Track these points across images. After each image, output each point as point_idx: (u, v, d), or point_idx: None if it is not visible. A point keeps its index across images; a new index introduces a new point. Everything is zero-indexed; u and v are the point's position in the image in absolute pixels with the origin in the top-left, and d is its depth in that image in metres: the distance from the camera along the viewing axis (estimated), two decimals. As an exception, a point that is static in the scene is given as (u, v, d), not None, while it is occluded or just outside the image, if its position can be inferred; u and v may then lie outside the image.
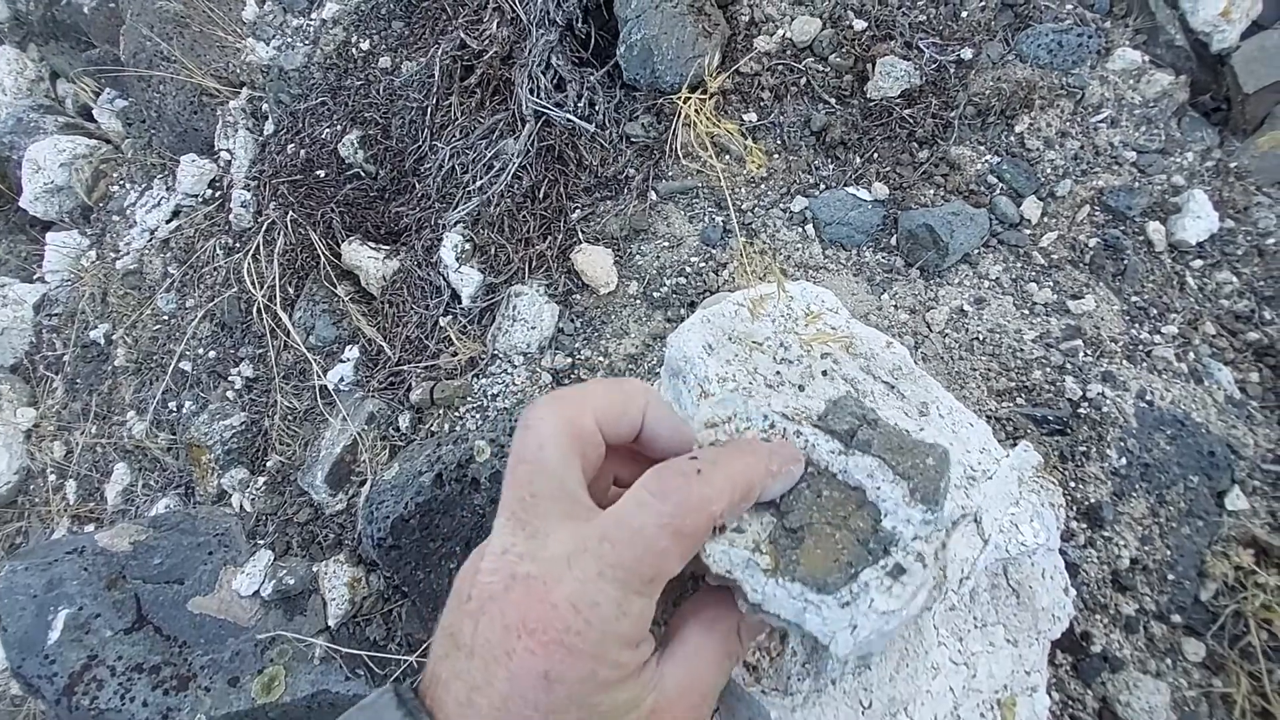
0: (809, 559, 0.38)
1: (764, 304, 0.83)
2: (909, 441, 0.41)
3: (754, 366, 0.66)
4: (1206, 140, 1.20)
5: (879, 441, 0.41)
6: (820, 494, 0.40)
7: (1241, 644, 0.95)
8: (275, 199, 1.57)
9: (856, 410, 0.43)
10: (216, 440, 1.38)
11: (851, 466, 0.40)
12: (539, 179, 1.22)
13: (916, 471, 0.40)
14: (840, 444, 0.41)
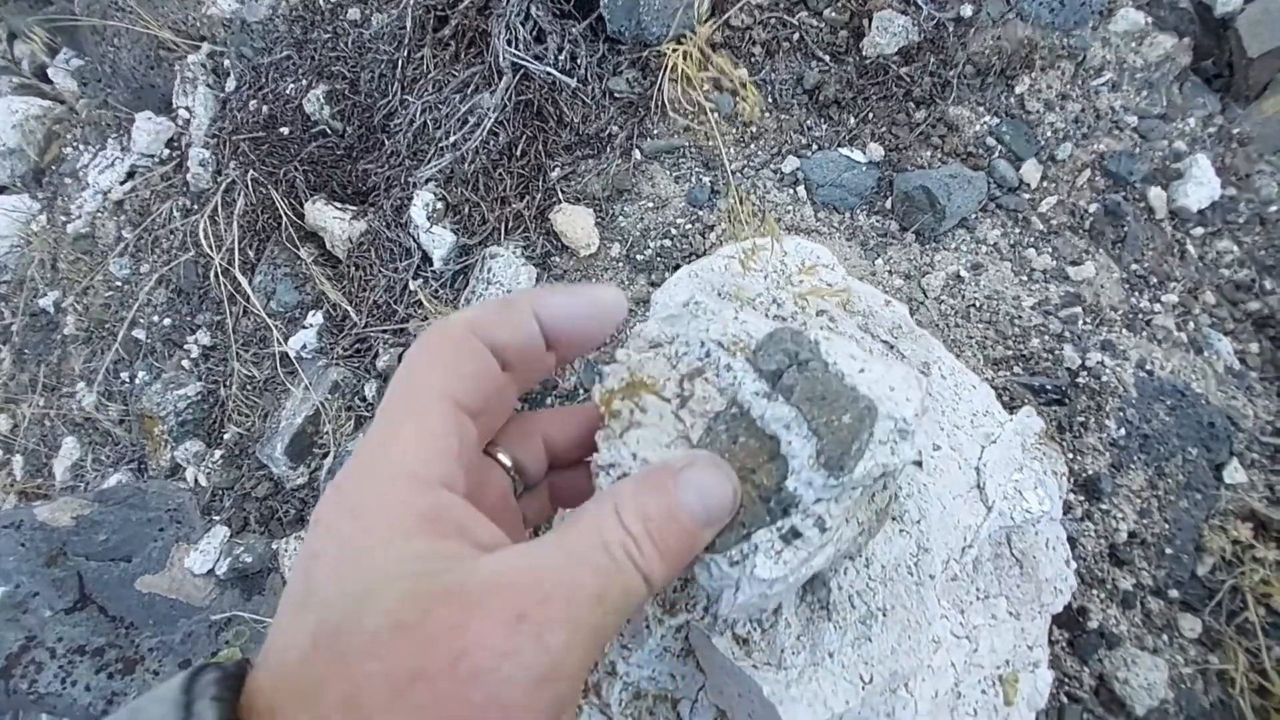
0: None
1: (756, 258, 0.77)
2: (834, 391, 0.36)
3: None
4: (1208, 106, 1.16)
5: (802, 388, 0.36)
6: (736, 439, 0.36)
7: (1239, 620, 0.92)
8: (235, 158, 1.47)
9: (790, 347, 0.37)
10: (170, 411, 1.30)
11: (770, 414, 0.36)
12: (516, 135, 1.15)
13: (829, 430, 0.35)
14: (766, 385, 0.37)
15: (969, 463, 0.68)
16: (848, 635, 0.49)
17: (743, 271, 0.76)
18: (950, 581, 0.64)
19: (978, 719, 0.64)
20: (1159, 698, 0.87)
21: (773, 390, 0.36)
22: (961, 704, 0.64)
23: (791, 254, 0.78)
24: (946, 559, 0.63)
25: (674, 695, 0.57)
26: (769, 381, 0.37)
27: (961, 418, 0.70)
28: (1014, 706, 0.67)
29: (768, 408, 0.36)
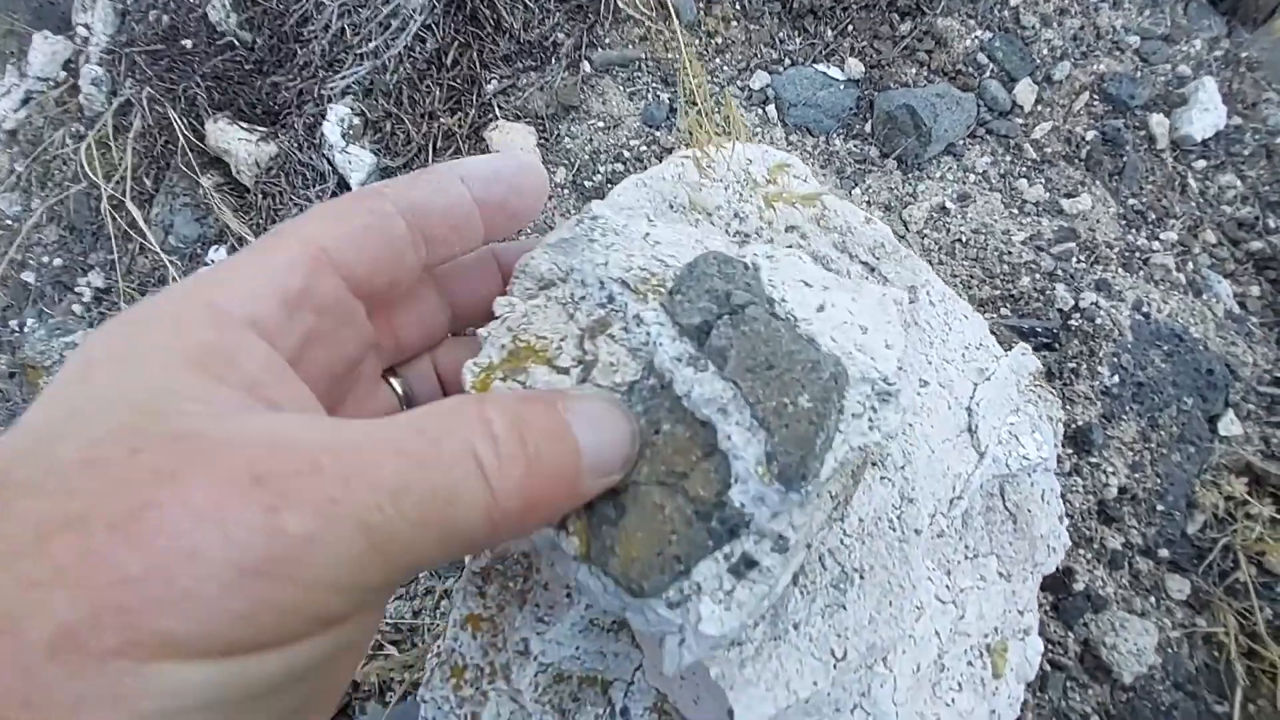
0: (627, 545, 0.25)
1: (715, 162, 0.65)
2: (784, 352, 0.25)
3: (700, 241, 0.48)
4: (1214, 29, 1.07)
5: (739, 351, 0.25)
6: (658, 427, 0.25)
7: (1229, 581, 0.86)
8: (131, 74, 1.28)
9: (718, 285, 0.26)
10: (55, 360, 1.13)
11: (697, 393, 0.25)
12: (447, 41, 0.99)
13: (781, 421, 0.24)
14: (690, 345, 0.26)
15: (959, 402, 0.58)
16: (817, 602, 0.39)
17: (699, 180, 0.64)
18: (937, 538, 0.54)
19: (963, 694, 0.55)
20: (1147, 664, 0.80)
21: (699, 353, 0.25)
22: (945, 678, 0.55)
23: (757, 161, 0.66)
24: (934, 511, 0.53)
25: (604, 677, 0.47)
26: (693, 340, 0.25)
27: (952, 350, 0.60)
28: (1002, 679, 0.58)
29: (694, 382, 0.25)
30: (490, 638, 0.49)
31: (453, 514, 0.19)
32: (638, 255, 0.29)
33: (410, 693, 0.82)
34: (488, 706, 0.47)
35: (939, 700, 0.52)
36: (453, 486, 0.19)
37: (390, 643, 0.87)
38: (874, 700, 0.44)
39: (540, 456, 0.20)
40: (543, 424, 0.21)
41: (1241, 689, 0.81)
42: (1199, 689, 0.83)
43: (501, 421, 0.20)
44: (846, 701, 0.43)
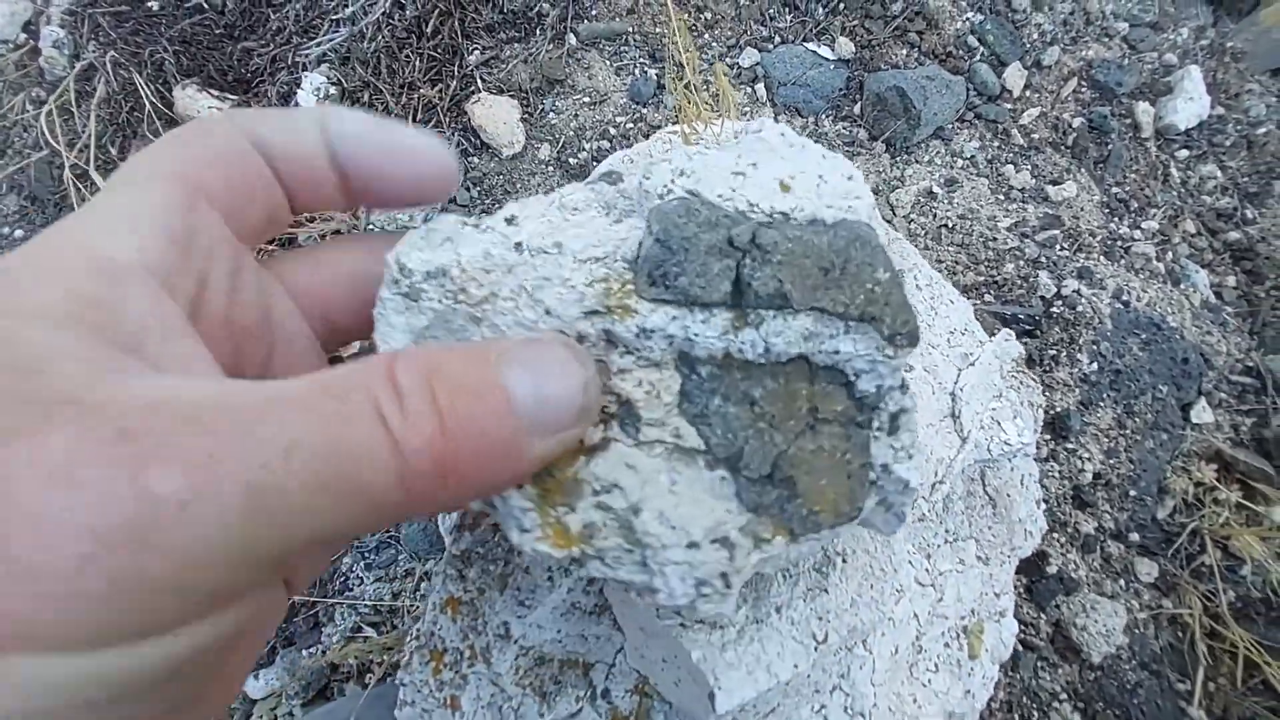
0: (821, 499, 0.25)
1: (703, 138, 0.63)
2: (826, 249, 0.24)
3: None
4: (1201, 18, 1.07)
5: (792, 279, 0.23)
6: (751, 400, 0.24)
7: (1195, 564, 0.88)
8: (95, 37, 1.23)
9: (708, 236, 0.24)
10: (16, 337, 1.09)
11: (779, 341, 0.24)
12: (427, 9, 0.96)
13: (881, 305, 0.24)
14: (726, 314, 0.24)
15: (944, 387, 0.58)
16: (799, 586, 0.39)
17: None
18: (918, 522, 0.54)
19: (939, 675, 0.56)
20: (1115, 644, 0.82)
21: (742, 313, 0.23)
22: (923, 659, 0.56)
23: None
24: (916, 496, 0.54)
25: (585, 660, 0.46)
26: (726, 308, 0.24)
27: (938, 335, 0.60)
28: (978, 660, 0.59)
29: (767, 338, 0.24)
30: (470, 621, 0.48)
31: (357, 475, 0.16)
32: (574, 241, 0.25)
33: (390, 674, 0.81)
34: (467, 690, 0.47)
35: (916, 681, 0.53)
36: (355, 444, 0.16)
37: (369, 625, 0.86)
38: (853, 681, 0.44)
39: (455, 412, 0.18)
40: (461, 376, 0.18)
41: (1203, 668, 0.84)
42: (1163, 668, 0.85)
43: (411, 374, 0.18)
44: (826, 683, 0.44)
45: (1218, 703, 0.85)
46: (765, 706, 0.41)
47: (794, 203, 0.25)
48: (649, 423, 0.24)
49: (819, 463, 0.25)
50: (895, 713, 0.51)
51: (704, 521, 0.23)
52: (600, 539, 0.23)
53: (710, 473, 0.24)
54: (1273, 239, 0.98)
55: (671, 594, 0.23)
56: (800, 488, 0.25)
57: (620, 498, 0.23)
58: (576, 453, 0.23)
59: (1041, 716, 0.80)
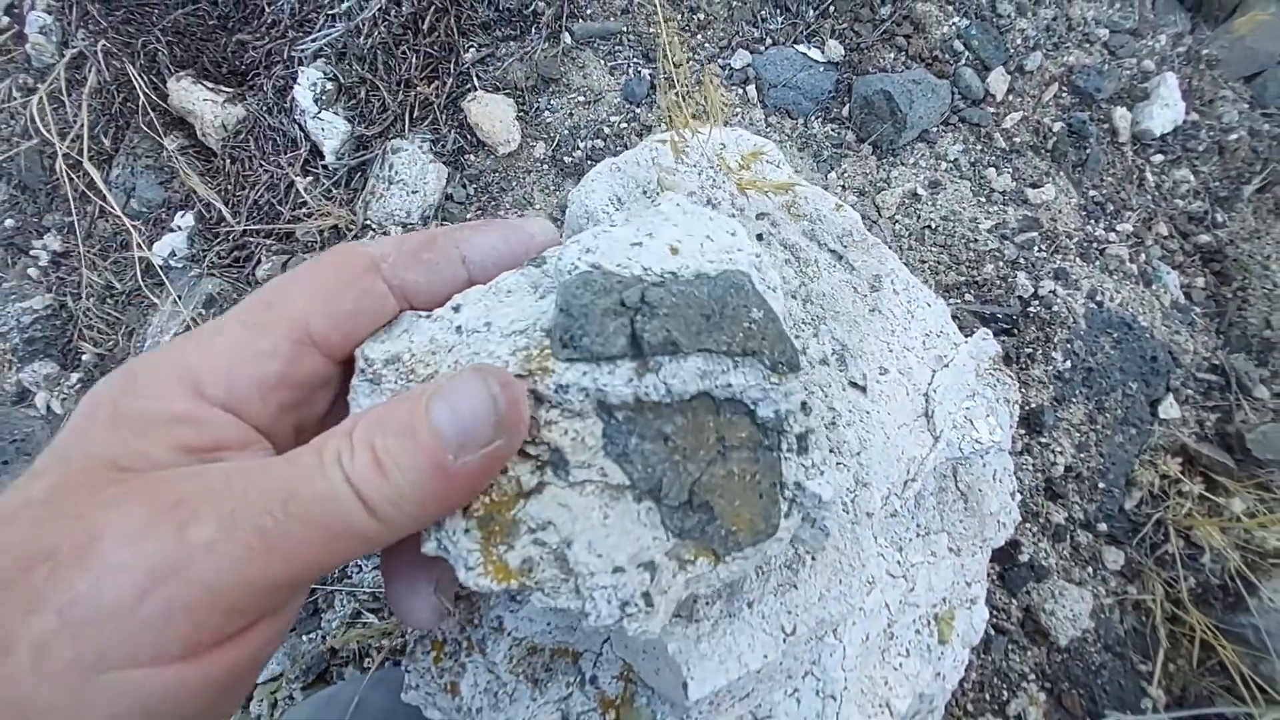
0: (737, 519, 0.28)
1: (689, 146, 0.66)
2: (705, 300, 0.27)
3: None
4: (1179, 25, 1.09)
5: (678, 329, 0.27)
6: (664, 436, 0.27)
7: (1159, 553, 0.92)
8: (84, 25, 1.22)
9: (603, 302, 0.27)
10: (12, 327, 1.10)
11: (676, 382, 0.27)
12: (423, 6, 0.96)
13: (757, 342, 0.28)
14: (630, 365, 0.27)
15: (918, 388, 0.61)
16: (770, 582, 0.42)
17: (674, 164, 0.64)
18: (890, 518, 0.57)
19: (910, 659, 0.60)
20: (1081, 628, 0.86)
21: (643, 361, 0.26)
22: (894, 645, 0.59)
23: (731, 146, 0.67)
24: (887, 494, 0.57)
25: (574, 649, 0.50)
26: (629, 359, 0.26)
27: (913, 338, 0.62)
28: (948, 645, 0.62)
29: (659, 380, 0.27)
30: (467, 615, 0.51)
31: (337, 513, 0.21)
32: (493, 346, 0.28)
33: (389, 659, 0.84)
34: (466, 677, 0.50)
35: (888, 665, 0.56)
36: (330, 490, 0.21)
37: (369, 610, 0.89)
38: (824, 668, 0.47)
39: (389, 451, 0.22)
40: (395, 419, 0.23)
41: (1164, 650, 0.89)
42: (1126, 650, 0.90)
43: (362, 428, 0.23)
44: (798, 669, 0.47)
45: (1176, 682, 0.90)
46: (740, 691, 0.44)
47: (681, 262, 0.28)
48: (577, 465, 0.27)
49: (731, 486, 0.28)
50: (867, 694, 0.54)
51: (629, 549, 0.26)
52: (538, 571, 0.26)
53: (638, 504, 0.27)
54: (1241, 242, 1.01)
55: (599, 615, 0.26)
56: (717, 510, 0.28)
57: (554, 533, 0.26)
58: (516, 497, 0.26)
59: (1011, 696, 0.85)
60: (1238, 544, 0.91)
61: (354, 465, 0.22)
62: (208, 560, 0.20)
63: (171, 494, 0.21)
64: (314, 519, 0.21)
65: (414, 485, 0.22)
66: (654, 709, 0.48)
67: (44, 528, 0.20)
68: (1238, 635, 0.87)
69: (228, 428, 0.25)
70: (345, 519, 0.22)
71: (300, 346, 0.26)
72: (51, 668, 0.19)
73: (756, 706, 0.48)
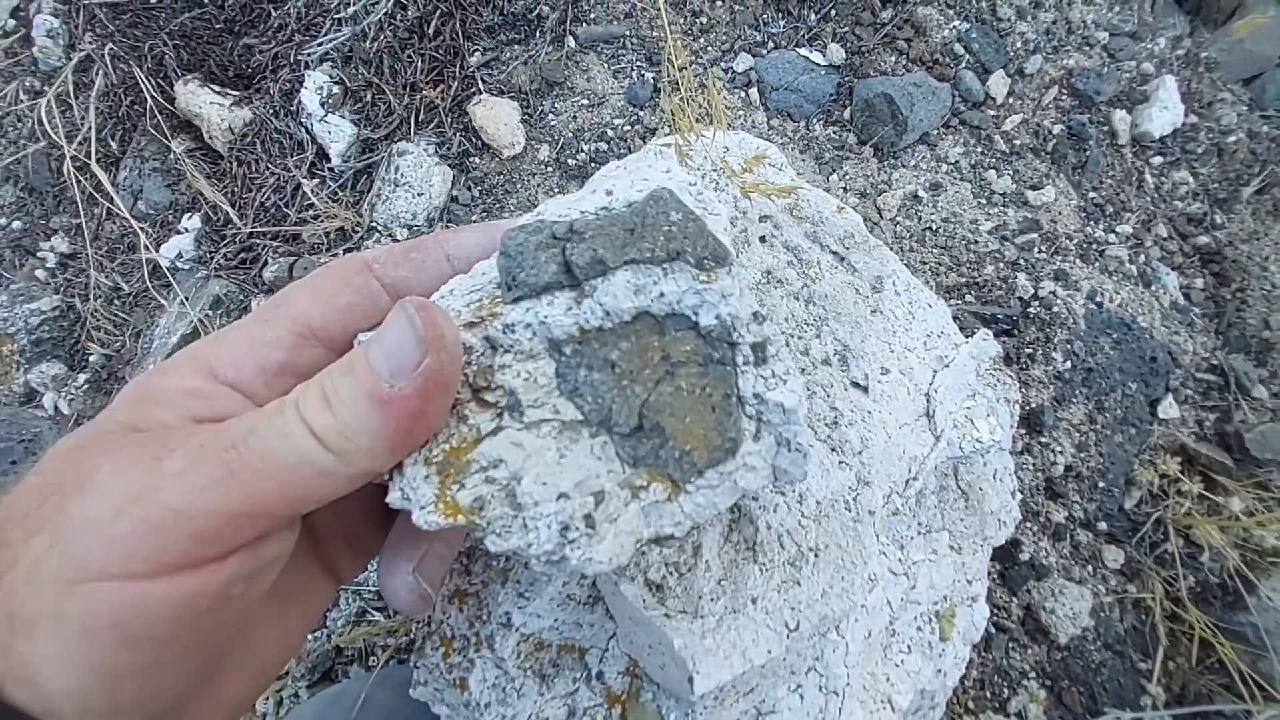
0: (689, 436, 0.27)
1: (694, 147, 0.66)
2: (627, 216, 0.28)
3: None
4: (1178, 27, 1.10)
5: (604, 247, 0.27)
6: (610, 364, 0.27)
7: (1159, 551, 0.93)
8: (91, 28, 1.23)
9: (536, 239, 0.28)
10: (20, 328, 1.11)
11: (609, 300, 0.27)
12: (428, 10, 0.97)
13: (681, 243, 0.28)
14: (569, 294, 0.27)
15: (919, 388, 0.61)
16: (774, 578, 0.42)
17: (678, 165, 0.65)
18: (891, 516, 0.58)
19: (912, 656, 0.61)
20: (1081, 626, 0.87)
21: (579, 285, 0.27)
22: (896, 642, 0.60)
23: (734, 149, 0.68)
24: (888, 493, 0.58)
25: (581, 645, 0.50)
26: (563, 288, 0.27)
27: (914, 339, 0.63)
28: (949, 641, 0.63)
29: (594, 304, 0.27)
30: (475, 611, 0.52)
31: (290, 445, 0.24)
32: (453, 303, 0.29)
33: (395, 657, 0.85)
34: (474, 672, 0.50)
35: (889, 661, 0.57)
36: (284, 425, 0.24)
37: (374, 609, 0.89)
38: (826, 664, 0.48)
39: (336, 390, 0.25)
40: (344, 365, 0.26)
41: (1163, 648, 0.90)
42: (1126, 649, 0.90)
43: (322, 377, 0.26)
44: (801, 665, 0.48)
45: (1176, 680, 0.91)
46: (744, 686, 0.45)
47: (613, 199, 0.29)
48: (530, 405, 0.27)
49: (680, 403, 0.27)
50: (869, 690, 0.55)
51: (576, 477, 0.26)
52: (489, 510, 0.25)
53: (593, 439, 0.27)
54: (1240, 243, 1.02)
55: (539, 543, 0.25)
56: (668, 431, 0.27)
57: (504, 470, 0.26)
58: (474, 443, 0.26)
59: (1011, 693, 0.86)
60: (1237, 543, 0.91)
61: (305, 402, 0.25)
62: (175, 485, 0.22)
63: (161, 439, 0.24)
64: (271, 450, 0.23)
65: (356, 415, 0.24)
66: (659, 704, 0.49)
67: (62, 472, 0.23)
68: (1237, 633, 0.87)
69: (235, 403, 0.27)
70: (298, 450, 0.24)
71: (302, 339, 0.29)
72: (40, 579, 0.21)
73: (760, 702, 0.48)
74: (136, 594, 0.21)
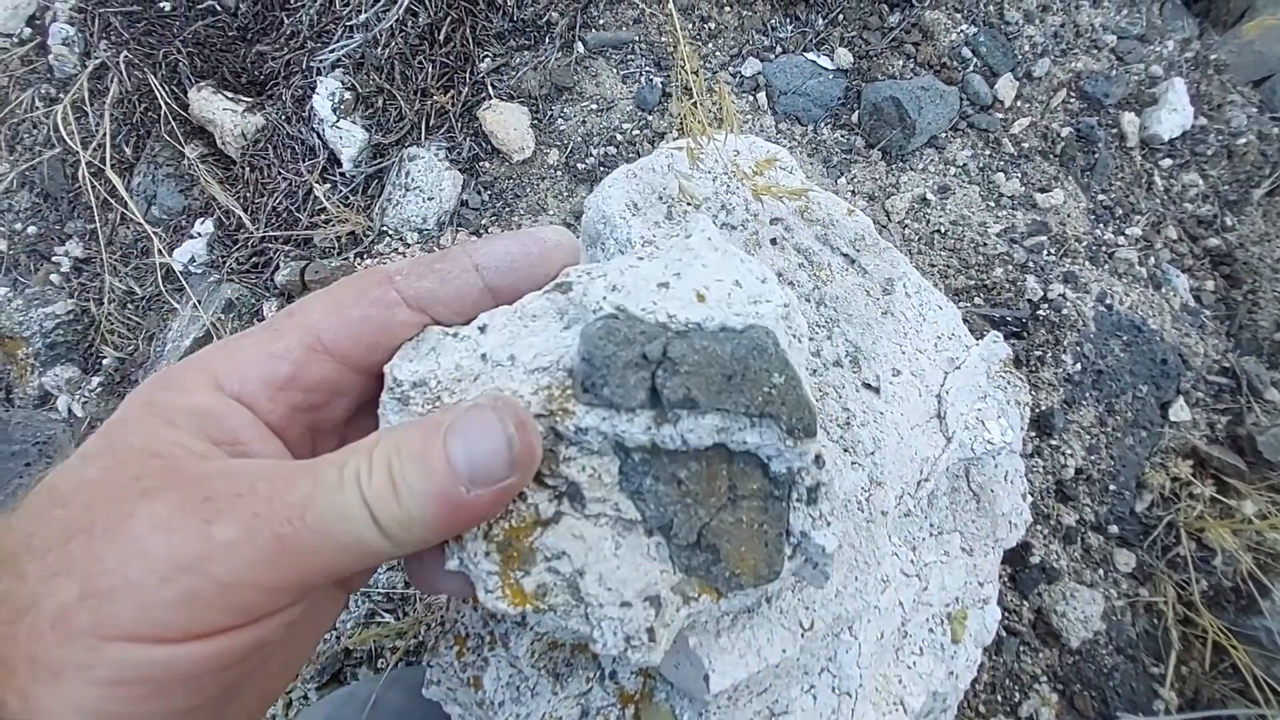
0: (742, 563, 0.30)
1: (705, 151, 0.67)
2: (728, 359, 0.28)
3: (688, 231, 0.50)
4: (1187, 30, 1.10)
5: (698, 388, 0.27)
6: (678, 480, 0.29)
7: (1171, 555, 0.93)
8: (106, 36, 1.25)
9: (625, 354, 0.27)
10: (35, 331, 1.12)
11: (694, 437, 0.28)
12: (439, 17, 0.98)
13: (777, 405, 0.28)
14: (648, 416, 0.28)
15: (930, 390, 0.62)
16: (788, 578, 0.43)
17: (690, 170, 0.66)
18: (903, 517, 0.58)
19: (924, 657, 0.60)
20: (1093, 630, 0.87)
21: (663, 413, 0.27)
22: (908, 643, 0.60)
23: (745, 153, 0.69)
24: (901, 493, 0.58)
25: (596, 643, 0.51)
26: (649, 409, 0.27)
27: (925, 340, 0.63)
28: (961, 644, 0.63)
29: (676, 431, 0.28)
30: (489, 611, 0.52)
31: (350, 528, 0.23)
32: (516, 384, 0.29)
33: (404, 659, 0.85)
34: (489, 671, 0.51)
35: (901, 663, 0.57)
36: (345, 506, 0.23)
37: (384, 611, 0.90)
38: (839, 664, 0.48)
39: (405, 477, 0.23)
40: (411, 447, 0.24)
41: (1176, 653, 0.89)
42: (1138, 653, 0.90)
43: (382, 449, 0.24)
44: (814, 665, 0.48)
45: (1189, 685, 0.90)
46: (758, 686, 0.45)
47: (707, 312, 0.28)
48: (593, 499, 0.28)
49: (739, 533, 0.29)
50: (881, 692, 0.55)
51: (637, 584, 0.28)
52: (551, 597, 0.27)
53: (648, 539, 0.29)
54: (1250, 245, 1.02)
55: (605, 645, 0.27)
56: (723, 554, 0.29)
57: (567, 563, 0.27)
58: (533, 524, 0.27)
59: (1023, 697, 0.85)
60: (1249, 546, 0.91)
61: (370, 485, 0.23)
62: (227, 558, 0.21)
63: (201, 489, 0.23)
64: (328, 531, 0.23)
65: (423, 511, 0.24)
66: (673, 704, 0.49)
67: (90, 507, 0.22)
68: (1250, 637, 0.87)
69: (244, 424, 0.27)
70: (356, 534, 0.23)
71: (311, 352, 0.28)
72: (68, 630, 0.20)
73: (774, 702, 0.48)
74: (169, 654, 0.21)
